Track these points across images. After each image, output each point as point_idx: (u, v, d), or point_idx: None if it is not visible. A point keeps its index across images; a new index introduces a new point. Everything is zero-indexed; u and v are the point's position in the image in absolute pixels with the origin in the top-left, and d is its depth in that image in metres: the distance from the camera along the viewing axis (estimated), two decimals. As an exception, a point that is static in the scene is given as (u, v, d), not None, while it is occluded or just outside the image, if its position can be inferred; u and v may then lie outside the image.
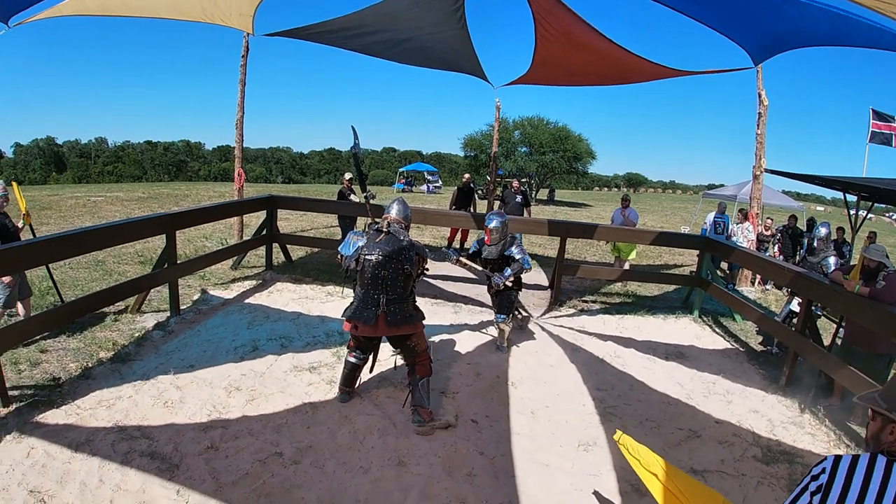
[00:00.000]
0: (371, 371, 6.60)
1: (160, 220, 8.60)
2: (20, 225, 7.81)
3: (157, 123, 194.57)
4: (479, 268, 8.18)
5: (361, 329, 5.79)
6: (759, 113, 12.43)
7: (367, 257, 5.78)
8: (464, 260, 8.27)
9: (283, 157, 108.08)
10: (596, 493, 5.02)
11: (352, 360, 6.22)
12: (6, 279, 7.20)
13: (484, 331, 8.90)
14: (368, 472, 5.09)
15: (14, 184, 8.36)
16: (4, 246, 6.39)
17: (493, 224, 8.11)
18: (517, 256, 7.99)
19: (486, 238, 8.23)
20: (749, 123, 12.76)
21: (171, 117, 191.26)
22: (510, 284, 8.14)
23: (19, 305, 7.63)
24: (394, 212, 6.17)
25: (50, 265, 8.07)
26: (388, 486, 4.90)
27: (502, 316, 8.14)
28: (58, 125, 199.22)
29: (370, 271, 5.74)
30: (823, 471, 2.49)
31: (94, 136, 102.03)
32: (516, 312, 8.61)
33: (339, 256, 6.10)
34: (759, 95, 12.32)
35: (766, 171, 12.67)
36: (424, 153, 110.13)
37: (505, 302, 8.11)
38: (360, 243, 5.89)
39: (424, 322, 6.13)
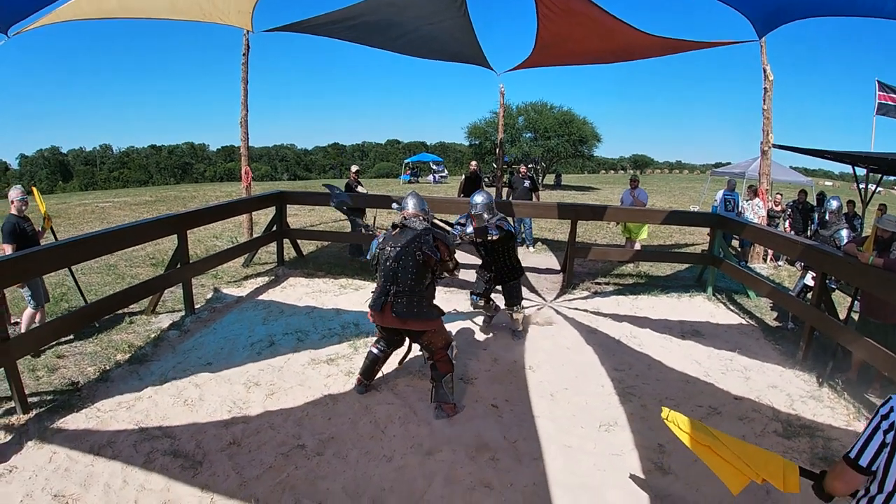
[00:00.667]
0: (400, 364, 6.65)
1: (171, 220, 8.63)
2: (39, 229, 7.80)
3: (161, 127, 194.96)
4: (448, 228, 7.32)
5: (374, 316, 5.86)
6: (765, 88, 12.31)
7: (382, 251, 5.82)
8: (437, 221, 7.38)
9: (287, 155, 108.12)
10: (632, 477, 4.99)
11: (374, 350, 6.23)
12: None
13: (498, 316, 8.84)
14: (392, 460, 5.09)
15: (34, 189, 8.38)
16: (25, 251, 6.40)
17: (479, 203, 7.48)
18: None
19: (473, 222, 7.54)
20: (754, 101, 12.71)
21: (174, 120, 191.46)
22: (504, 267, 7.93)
23: (25, 314, 7.59)
24: (410, 206, 6.11)
25: (70, 268, 8.06)
26: (412, 474, 4.90)
27: (515, 307, 8.03)
28: (62, 134, 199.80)
29: (384, 264, 5.78)
30: (892, 409, 2.45)
31: (98, 144, 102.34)
32: (491, 302, 8.38)
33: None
34: (765, 70, 12.21)
35: (774, 146, 12.55)
36: (429, 144, 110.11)
37: (514, 292, 7.97)
38: (380, 240, 5.94)
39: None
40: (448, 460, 5.11)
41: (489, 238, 7.41)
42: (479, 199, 7.49)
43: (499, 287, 8.08)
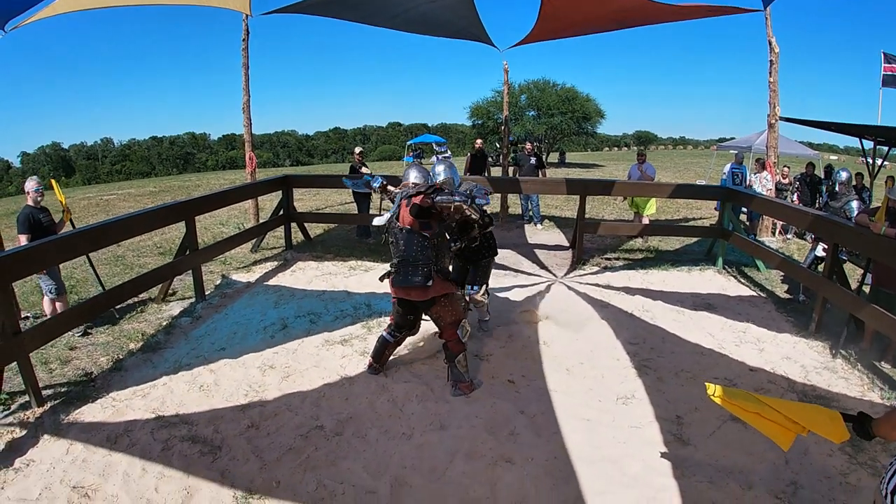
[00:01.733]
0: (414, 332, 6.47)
1: (179, 207, 8.64)
2: (57, 220, 7.76)
3: (161, 118, 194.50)
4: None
5: (396, 290, 5.78)
6: (771, 61, 12.22)
7: (390, 226, 5.80)
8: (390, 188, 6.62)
9: (289, 141, 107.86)
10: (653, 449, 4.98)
11: (385, 335, 6.16)
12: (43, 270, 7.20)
13: (508, 293, 8.82)
14: (411, 438, 5.07)
15: (53, 181, 8.34)
16: (36, 242, 6.37)
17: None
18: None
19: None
20: (756, 75, 12.60)
21: (174, 111, 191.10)
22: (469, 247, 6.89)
23: (45, 303, 7.58)
24: (411, 177, 6.02)
25: (77, 260, 8.04)
26: (433, 451, 4.88)
27: (475, 287, 7.11)
28: (62, 130, 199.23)
29: (390, 238, 5.80)
30: None
31: (99, 137, 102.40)
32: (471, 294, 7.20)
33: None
34: (770, 43, 12.10)
35: (781, 118, 12.46)
36: (430, 125, 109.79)
37: (479, 272, 7.16)
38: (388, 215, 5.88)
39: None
40: (468, 436, 5.08)
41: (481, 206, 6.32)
42: (440, 168, 6.30)
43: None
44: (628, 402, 5.72)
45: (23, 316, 7.61)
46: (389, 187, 6.57)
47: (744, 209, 12.73)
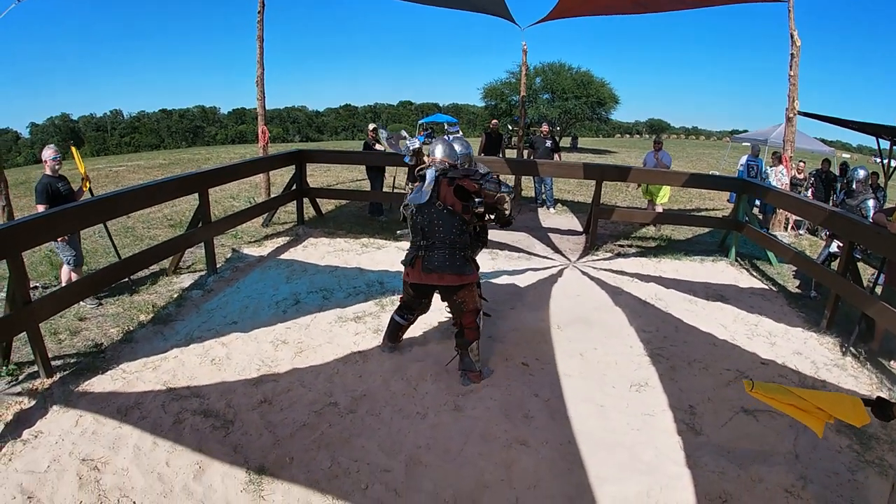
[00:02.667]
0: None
1: (193, 178, 8.60)
2: (76, 188, 7.71)
3: (171, 91, 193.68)
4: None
5: (410, 274, 5.56)
6: (792, 54, 12.09)
7: (409, 205, 5.52)
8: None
9: (299, 117, 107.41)
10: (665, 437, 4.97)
11: (397, 318, 6.04)
12: (60, 239, 7.17)
13: (522, 276, 8.77)
14: (426, 417, 5.04)
15: (73, 149, 8.29)
16: (48, 211, 6.36)
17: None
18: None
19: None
20: (773, 68, 12.48)
21: (184, 84, 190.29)
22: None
23: (63, 272, 7.58)
24: (438, 153, 5.67)
25: (87, 230, 8.00)
26: (448, 431, 4.86)
27: None
28: (71, 101, 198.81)
29: (411, 219, 5.52)
30: None
31: (109, 109, 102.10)
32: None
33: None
34: (792, 36, 11.98)
35: (799, 113, 12.33)
36: (442, 105, 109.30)
37: None
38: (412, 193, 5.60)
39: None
40: (482, 417, 5.06)
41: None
42: (459, 146, 5.95)
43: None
44: (642, 389, 5.71)
45: (31, 286, 7.59)
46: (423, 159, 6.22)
47: (756, 202, 12.64)
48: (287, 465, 4.43)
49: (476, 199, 5.38)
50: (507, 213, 5.62)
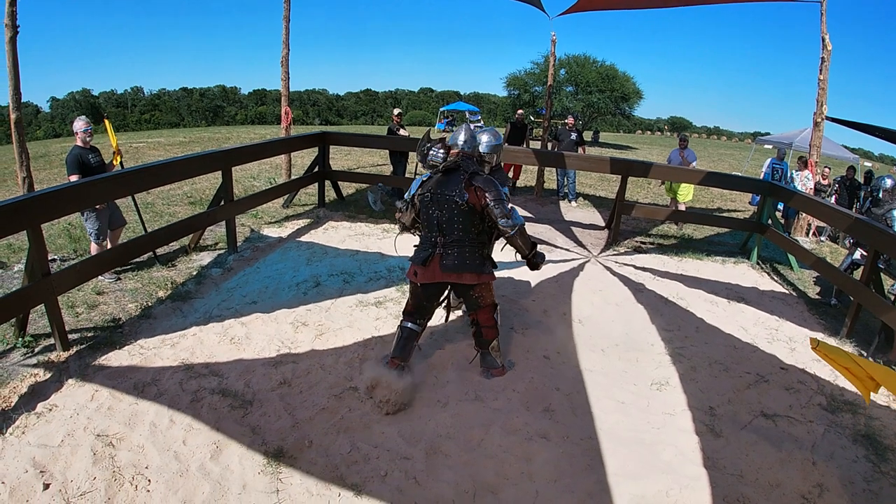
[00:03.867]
0: (446, 320, 6.24)
1: (218, 155, 8.59)
2: (107, 161, 7.76)
3: (192, 69, 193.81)
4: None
5: (420, 274, 5.17)
6: (823, 58, 11.87)
7: (422, 196, 5.20)
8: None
9: (319, 100, 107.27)
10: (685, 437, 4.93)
11: (409, 325, 5.38)
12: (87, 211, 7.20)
13: (544, 268, 8.68)
14: (447, 406, 5.00)
15: (107, 121, 8.32)
16: (68, 183, 6.37)
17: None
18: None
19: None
20: (801, 72, 12.30)
21: (206, 63, 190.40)
22: None
23: (92, 247, 7.56)
24: (461, 141, 5.35)
25: (133, 197, 8.09)
26: (469, 421, 4.81)
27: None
28: (93, 77, 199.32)
29: (424, 212, 5.21)
30: None
31: (129, 86, 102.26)
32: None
33: (397, 209, 5.50)
34: (823, 40, 11.77)
35: (827, 118, 12.15)
36: (463, 93, 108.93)
37: None
38: (421, 181, 5.32)
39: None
40: (504, 409, 5.01)
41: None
42: (485, 137, 5.84)
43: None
44: (662, 388, 5.66)
45: (50, 258, 7.59)
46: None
47: (779, 206, 12.50)
48: (306, 448, 4.39)
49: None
50: (525, 252, 5.37)
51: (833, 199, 14.15)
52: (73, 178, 7.07)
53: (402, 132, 12.66)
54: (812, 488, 4.36)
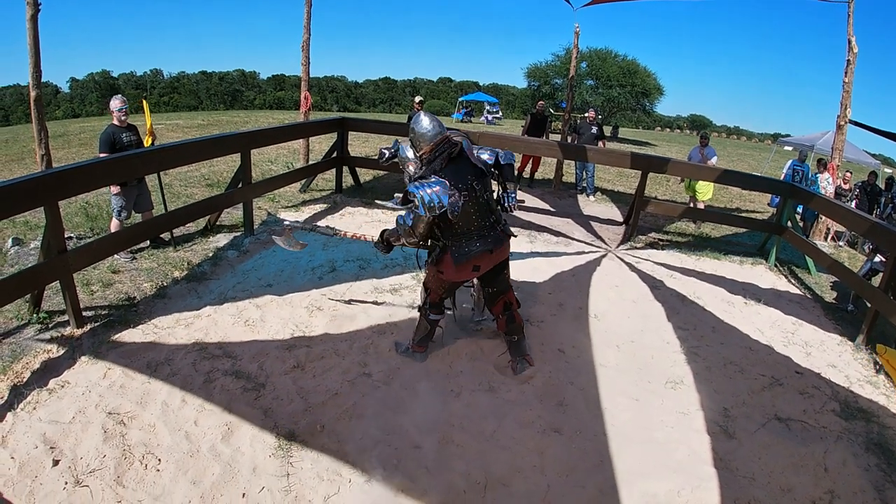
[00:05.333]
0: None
1: (237, 137, 8.61)
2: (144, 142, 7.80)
3: (212, 53, 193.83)
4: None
5: (487, 260, 4.89)
6: (848, 60, 11.72)
7: (453, 196, 4.64)
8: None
9: (337, 86, 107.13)
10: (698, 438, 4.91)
11: (435, 317, 5.29)
12: (114, 189, 7.28)
13: (561, 261, 8.66)
14: (460, 396, 4.99)
15: (144, 101, 8.36)
16: (86, 161, 6.37)
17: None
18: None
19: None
20: (824, 75, 12.16)
21: (225, 47, 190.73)
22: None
23: (112, 224, 7.61)
24: (431, 131, 4.82)
25: (159, 175, 8.10)
26: (482, 411, 4.80)
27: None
28: (113, 58, 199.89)
29: (465, 206, 4.73)
30: None
31: (149, 68, 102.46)
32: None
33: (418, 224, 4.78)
34: (850, 42, 11.62)
35: (850, 122, 12.02)
36: (482, 84, 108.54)
37: None
38: (438, 186, 4.62)
39: None
40: (517, 401, 5.00)
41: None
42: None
43: None
44: (677, 387, 5.61)
45: (66, 236, 7.61)
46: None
47: (798, 209, 12.39)
48: (318, 433, 4.39)
49: None
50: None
51: (853, 204, 14.02)
52: (103, 155, 7.12)
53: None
54: (823, 494, 4.34)
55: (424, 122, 4.84)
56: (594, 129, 14.02)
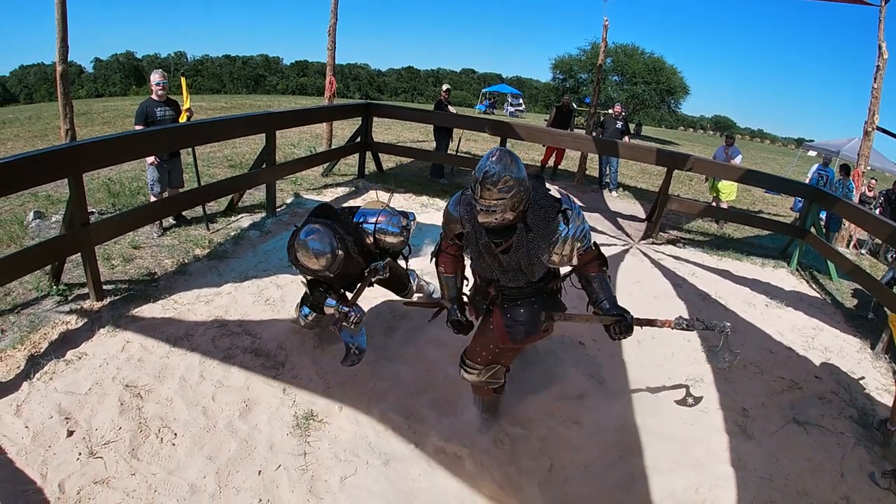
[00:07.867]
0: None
1: (263, 118, 8.72)
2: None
3: (236, 37, 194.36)
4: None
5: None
6: (878, 66, 11.50)
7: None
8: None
9: (360, 74, 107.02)
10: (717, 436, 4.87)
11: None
12: (150, 159, 7.32)
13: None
14: (481, 384, 4.92)
15: (183, 79, 8.39)
16: (111, 135, 6.37)
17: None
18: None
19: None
20: (851, 82, 11.99)
21: (250, 31, 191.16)
22: None
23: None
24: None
25: (193, 150, 8.15)
26: (503, 397, 4.72)
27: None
28: (137, 40, 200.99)
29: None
30: None
31: (173, 51, 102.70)
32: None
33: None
34: (880, 47, 11.40)
35: (878, 129, 11.85)
36: (505, 76, 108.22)
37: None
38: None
39: None
40: (536, 391, 4.96)
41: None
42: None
43: None
44: (697, 385, 5.54)
45: (88, 211, 7.65)
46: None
47: (821, 215, 12.25)
48: (336, 413, 4.39)
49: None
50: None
51: (877, 212, 13.86)
52: (137, 127, 7.22)
53: (450, 108, 12.54)
54: (839, 500, 4.31)
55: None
56: (619, 124, 13.90)
